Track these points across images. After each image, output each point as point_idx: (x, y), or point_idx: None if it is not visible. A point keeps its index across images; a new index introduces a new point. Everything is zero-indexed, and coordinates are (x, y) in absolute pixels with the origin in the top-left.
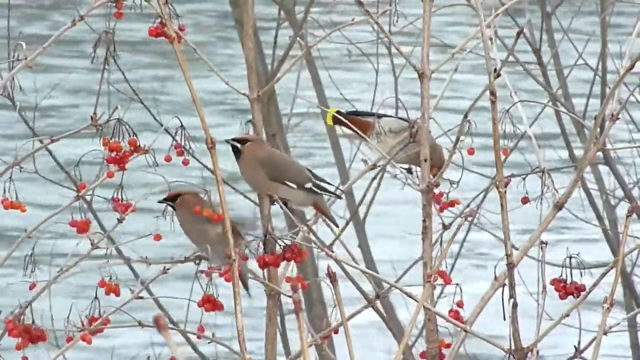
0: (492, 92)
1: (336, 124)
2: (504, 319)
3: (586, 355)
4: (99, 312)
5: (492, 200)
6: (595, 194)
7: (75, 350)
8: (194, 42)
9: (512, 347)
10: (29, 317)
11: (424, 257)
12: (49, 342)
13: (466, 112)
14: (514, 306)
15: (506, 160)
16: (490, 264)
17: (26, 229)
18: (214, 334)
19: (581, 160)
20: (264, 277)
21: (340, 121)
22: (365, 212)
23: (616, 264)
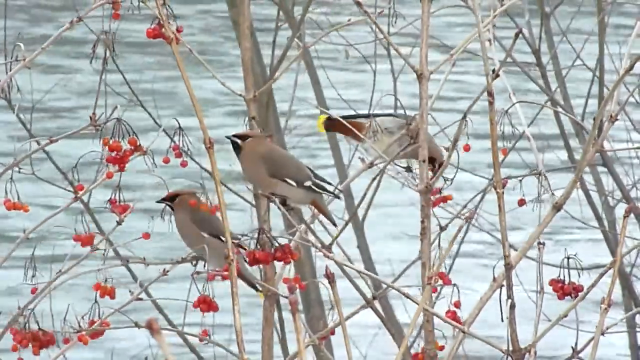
0: (489, 93)
1: (328, 130)
2: (501, 320)
3: (585, 355)
4: (99, 314)
5: (491, 201)
6: (594, 194)
7: (75, 350)
8: (203, 43)
9: (510, 347)
10: (31, 318)
11: (422, 258)
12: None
13: (465, 113)
14: (512, 307)
15: (504, 160)
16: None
17: (24, 230)
18: (210, 335)
19: (580, 161)
20: (261, 277)
21: (332, 127)
22: (364, 212)
23: (614, 265)
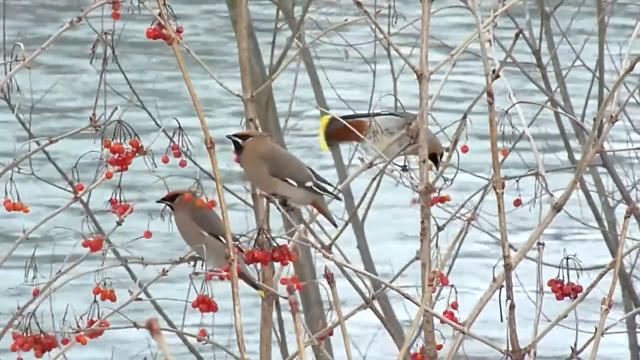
0: (489, 94)
1: (331, 145)
2: (501, 320)
3: (584, 356)
4: (98, 314)
5: (493, 201)
6: (594, 195)
7: (75, 350)
8: (207, 43)
9: (510, 348)
10: (32, 320)
11: (422, 259)
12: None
13: (465, 113)
14: (512, 307)
15: (503, 160)
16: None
17: (24, 230)
18: (208, 336)
19: (580, 162)
20: (259, 278)
21: (335, 136)
22: (364, 213)
23: (614, 265)
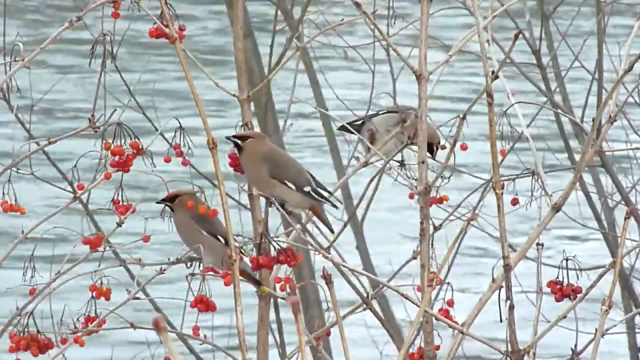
0: (489, 94)
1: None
2: (500, 321)
3: (583, 356)
4: (96, 313)
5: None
6: (593, 195)
7: (74, 350)
8: (215, 43)
9: (509, 349)
10: (29, 320)
11: (422, 259)
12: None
13: (464, 113)
14: (511, 308)
15: (503, 161)
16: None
17: (23, 231)
18: (205, 336)
19: (578, 162)
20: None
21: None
22: (363, 213)
23: (614, 266)
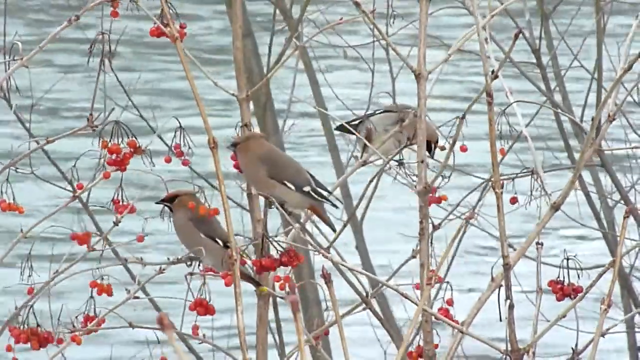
0: (488, 94)
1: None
2: (500, 320)
3: (584, 356)
4: (95, 312)
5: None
6: (593, 195)
7: (73, 349)
8: (220, 43)
9: (509, 348)
10: (30, 318)
11: (421, 259)
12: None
13: (464, 113)
14: (511, 307)
15: (502, 160)
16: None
17: (21, 230)
18: (205, 335)
19: (578, 161)
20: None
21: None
22: (362, 213)
23: (613, 265)
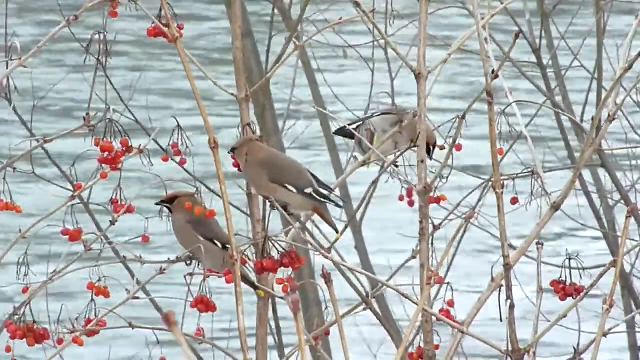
0: (488, 93)
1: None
2: (500, 320)
3: (585, 356)
4: (95, 312)
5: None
6: (593, 195)
7: (72, 348)
8: (227, 42)
9: (509, 348)
10: (27, 317)
11: (421, 258)
12: (45, 342)
13: (463, 113)
14: (511, 307)
15: (502, 160)
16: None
17: (20, 229)
18: (204, 335)
19: (577, 161)
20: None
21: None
22: (361, 214)
23: (614, 264)
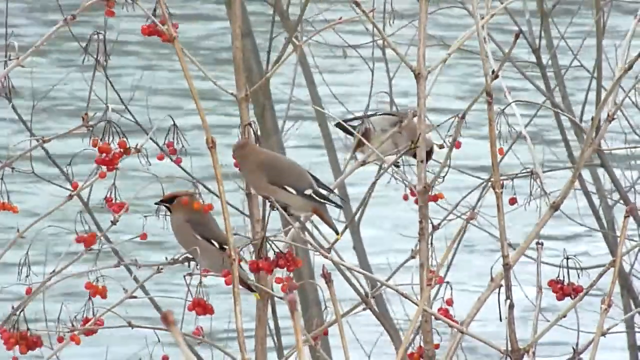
0: (488, 94)
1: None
2: (500, 320)
3: (584, 356)
4: (93, 312)
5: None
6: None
7: (71, 348)
8: (227, 44)
9: (509, 348)
10: (23, 320)
11: (421, 258)
12: (45, 342)
13: (463, 112)
14: (511, 307)
15: (502, 160)
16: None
17: (18, 230)
18: (204, 335)
19: (577, 161)
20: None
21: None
22: (360, 213)
23: (614, 264)
